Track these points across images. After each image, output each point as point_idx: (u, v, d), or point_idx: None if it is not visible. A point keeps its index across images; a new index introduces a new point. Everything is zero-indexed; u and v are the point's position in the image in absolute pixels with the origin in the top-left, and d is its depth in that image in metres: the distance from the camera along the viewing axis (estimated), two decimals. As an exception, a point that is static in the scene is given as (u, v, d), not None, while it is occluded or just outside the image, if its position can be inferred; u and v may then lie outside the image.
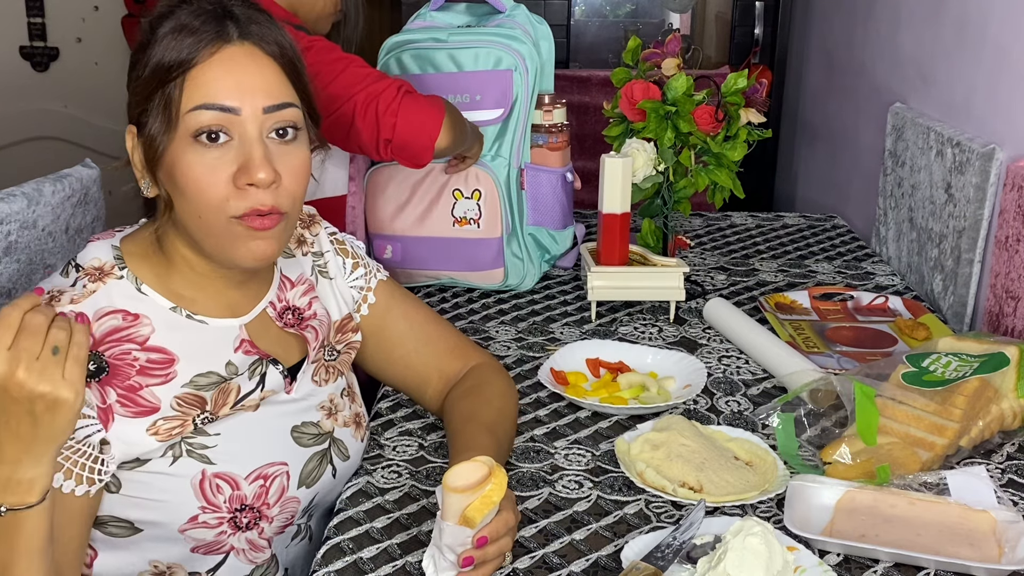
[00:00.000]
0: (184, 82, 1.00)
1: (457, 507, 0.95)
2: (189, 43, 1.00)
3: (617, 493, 1.17)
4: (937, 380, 1.26)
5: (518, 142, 1.77)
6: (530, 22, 1.80)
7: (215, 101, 1.00)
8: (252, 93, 1.02)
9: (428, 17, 1.87)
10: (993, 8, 1.73)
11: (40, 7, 3.62)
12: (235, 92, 1.01)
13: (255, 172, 1.00)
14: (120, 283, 1.06)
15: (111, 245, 1.09)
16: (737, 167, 1.71)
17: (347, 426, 1.21)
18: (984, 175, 1.66)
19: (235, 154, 1.01)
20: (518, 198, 1.79)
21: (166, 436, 1.04)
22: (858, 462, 1.18)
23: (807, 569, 1.00)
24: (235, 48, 1.02)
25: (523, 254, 1.79)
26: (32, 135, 3.65)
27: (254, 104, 1.01)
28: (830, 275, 1.94)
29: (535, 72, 1.75)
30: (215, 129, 1.00)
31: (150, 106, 1.01)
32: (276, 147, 1.03)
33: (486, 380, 1.29)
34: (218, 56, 1.01)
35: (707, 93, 1.71)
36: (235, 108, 1.01)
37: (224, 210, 1.01)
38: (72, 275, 1.06)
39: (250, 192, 1.01)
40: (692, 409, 1.38)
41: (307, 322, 1.19)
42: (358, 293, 1.28)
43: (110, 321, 1.03)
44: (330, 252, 1.27)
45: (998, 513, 1.08)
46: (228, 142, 1.01)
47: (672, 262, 1.69)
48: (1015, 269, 1.55)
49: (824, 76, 2.76)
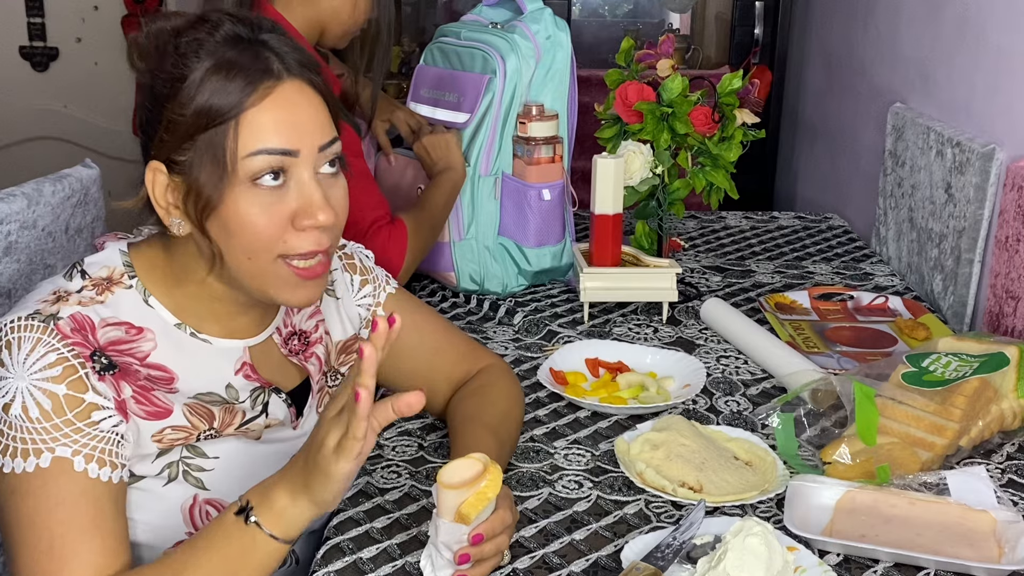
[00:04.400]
0: (238, 127, 0.96)
1: (452, 504, 0.95)
2: (238, 85, 0.96)
3: (617, 493, 1.17)
4: (937, 380, 1.26)
5: (487, 150, 1.74)
6: (549, 28, 1.75)
7: (275, 146, 0.97)
8: (310, 134, 0.99)
9: (476, 11, 1.88)
10: (993, 8, 1.73)
11: (40, 7, 3.62)
12: (294, 135, 0.98)
13: (318, 214, 0.99)
14: (128, 292, 1.04)
15: (119, 251, 1.07)
16: (732, 168, 1.71)
17: None
18: (984, 175, 1.66)
19: (293, 194, 0.99)
20: (488, 206, 1.76)
21: (168, 444, 1.03)
22: (858, 462, 1.18)
23: (807, 569, 1.00)
24: (286, 87, 0.99)
25: (489, 260, 1.77)
26: (32, 135, 3.65)
27: (312, 144, 0.99)
28: (828, 276, 1.93)
29: (515, 82, 1.72)
30: (275, 170, 0.98)
31: (192, 150, 0.97)
32: (326, 182, 1.02)
33: (492, 381, 1.28)
34: (272, 97, 0.98)
35: (702, 94, 1.71)
36: (294, 151, 0.98)
37: (274, 250, 0.99)
38: (77, 281, 1.03)
39: (309, 234, 1.00)
40: (691, 409, 1.38)
41: (311, 348, 1.18)
42: (366, 311, 1.27)
43: (114, 332, 1.01)
44: (337, 270, 1.25)
45: (998, 513, 1.08)
46: (286, 184, 0.99)
47: (664, 263, 1.68)
48: (1015, 269, 1.55)
49: (824, 76, 2.76)
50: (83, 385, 0.96)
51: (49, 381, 0.95)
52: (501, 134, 1.75)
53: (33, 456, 0.94)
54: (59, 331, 0.97)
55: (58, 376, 0.95)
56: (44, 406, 0.95)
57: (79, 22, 3.66)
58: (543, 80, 1.76)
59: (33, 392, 0.95)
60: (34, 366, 0.95)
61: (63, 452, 0.95)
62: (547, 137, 1.73)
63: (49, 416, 0.95)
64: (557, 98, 1.78)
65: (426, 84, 1.87)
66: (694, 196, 1.76)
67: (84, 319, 1.00)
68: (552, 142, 1.74)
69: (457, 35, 1.83)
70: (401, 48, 3.61)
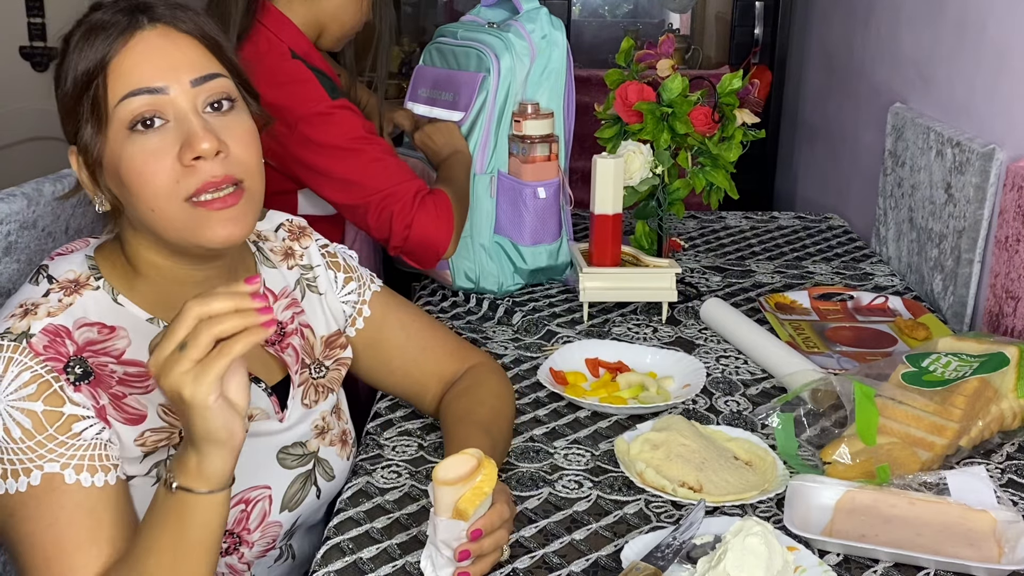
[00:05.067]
0: (106, 78, 0.97)
1: (448, 500, 0.95)
2: (101, 40, 0.97)
3: (617, 493, 1.17)
4: (937, 380, 1.26)
5: (482, 148, 1.74)
6: (544, 28, 1.75)
7: (140, 86, 0.97)
8: (175, 69, 0.99)
9: (475, 12, 1.89)
10: (993, 8, 1.73)
11: (40, 7, 3.62)
12: (158, 72, 0.98)
13: (198, 144, 0.96)
14: (96, 294, 1.03)
15: (85, 255, 1.06)
16: (732, 168, 1.71)
17: (332, 445, 1.19)
18: (984, 175, 1.66)
19: (175, 135, 0.98)
20: (483, 204, 1.76)
21: (152, 448, 1.02)
22: (857, 462, 1.18)
23: (807, 569, 1.00)
24: (148, 32, 0.99)
25: (485, 259, 1.77)
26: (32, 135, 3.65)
27: (179, 80, 0.99)
28: (828, 276, 1.93)
29: (510, 81, 1.72)
30: (148, 115, 0.97)
31: (80, 116, 0.99)
32: (215, 120, 1.00)
33: (481, 380, 1.28)
34: (132, 43, 0.98)
35: (702, 94, 1.71)
36: (162, 88, 0.98)
37: (176, 194, 0.98)
38: (44, 285, 1.03)
39: (198, 167, 0.97)
40: (691, 409, 1.38)
41: (287, 339, 1.17)
42: (351, 308, 1.27)
43: (87, 333, 1.01)
44: (320, 267, 1.25)
45: (998, 513, 1.08)
46: (165, 125, 0.98)
47: (664, 263, 1.68)
48: (1015, 269, 1.55)
49: (824, 76, 2.76)
50: (59, 399, 0.96)
51: (26, 400, 0.95)
52: (496, 132, 1.75)
53: (23, 475, 0.94)
54: (31, 349, 0.96)
55: (33, 394, 0.95)
56: (25, 425, 0.94)
57: (79, 22, 3.66)
58: (539, 79, 1.76)
59: (12, 413, 0.94)
60: (9, 387, 0.95)
61: (51, 468, 0.94)
62: (542, 135, 1.73)
63: (31, 434, 0.94)
64: (553, 97, 1.78)
65: (424, 84, 1.87)
66: (694, 196, 1.76)
67: (58, 328, 0.99)
68: (547, 140, 1.74)
69: (454, 35, 1.84)
70: (401, 48, 3.61)
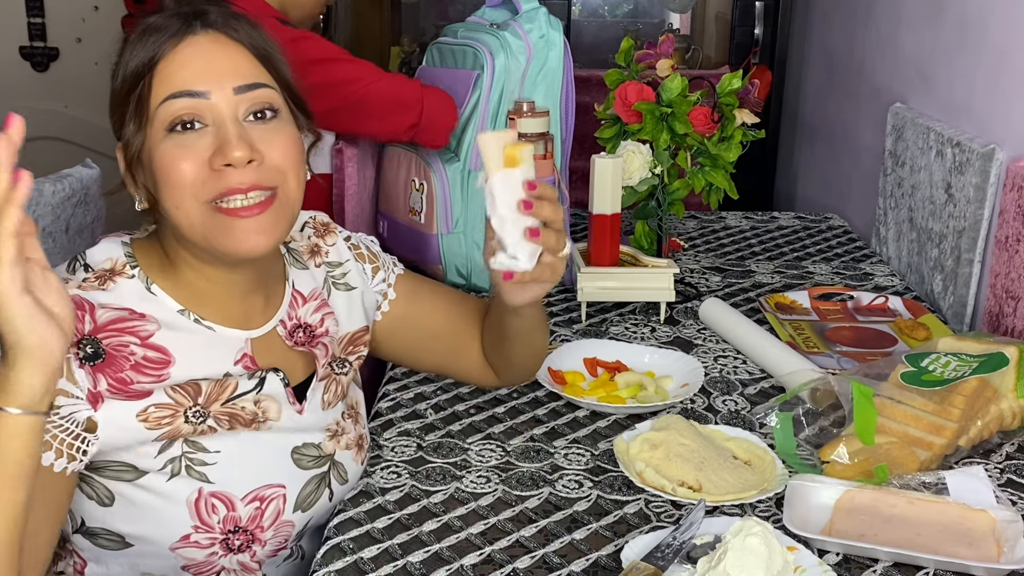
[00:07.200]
0: (152, 78, 0.99)
1: (497, 149, 1.00)
2: (153, 40, 0.99)
3: (617, 493, 1.17)
4: (936, 380, 1.26)
5: (476, 145, 1.75)
6: (543, 28, 1.76)
7: (183, 88, 0.98)
8: (220, 76, 1.00)
9: (480, 12, 1.91)
10: (993, 8, 1.73)
11: (40, 7, 3.62)
12: (202, 77, 0.99)
13: (230, 151, 0.97)
14: (131, 282, 1.04)
15: (121, 243, 1.07)
16: (732, 168, 1.71)
17: (348, 449, 1.18)
18: (984, 175, 1.67)
19: (211, 139, 0.99)
20: (477, 200, 1.76)
21: (155, 424, 1.00)
22: (855, 462, 1.18)
23: (807, 569, 1.00)
24: (199, 37, 1.01)
25: (477, 255, 1.78)
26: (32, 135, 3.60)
27: (223, 86, 1.00)
28: (828, 276, 1.94)
29: (504, 79, 1.73)
30: (187, 118, 0.99)
31: (126, 113, 1.00)
32: (255, 129, 1.01)
33: None
34: (182, 46, 1.00)
35: (702, 94, 1.71)
36: (204, 92, 0.99)
37: (200, 195, 0.99)
38: (80, 273, 1.03)
39: (227, 173, 0.98)
40: (690, 408, 1.38)
41: (318, 339, 1.17)
42: (380, 297, 1.28)
43: (113, 313, 1.01)
44: (350, 260, 1.25)
45: (997, 513, 1.08)
46: (203, 129, 0.99)
47: (663, 263, 1.68)
48: (1015, 269, 1.55)
49: (824, 76, 2.76)
50: (66, 369, 0.96)
51: None
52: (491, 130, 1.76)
53: None
54: None
55: None
56: None
57: (79, 22, 3.67)
58: (536, 78, 1.76)
59: None
60: None
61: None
62: (537, 133, 1.72)
63: None
64: (549, 96, 1.78)
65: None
66: (694, 196, 1.76)
67: (82, 301, 0.99)
68: (542, 138, 1.72)
69: (455, 34, 1.85)
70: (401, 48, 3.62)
